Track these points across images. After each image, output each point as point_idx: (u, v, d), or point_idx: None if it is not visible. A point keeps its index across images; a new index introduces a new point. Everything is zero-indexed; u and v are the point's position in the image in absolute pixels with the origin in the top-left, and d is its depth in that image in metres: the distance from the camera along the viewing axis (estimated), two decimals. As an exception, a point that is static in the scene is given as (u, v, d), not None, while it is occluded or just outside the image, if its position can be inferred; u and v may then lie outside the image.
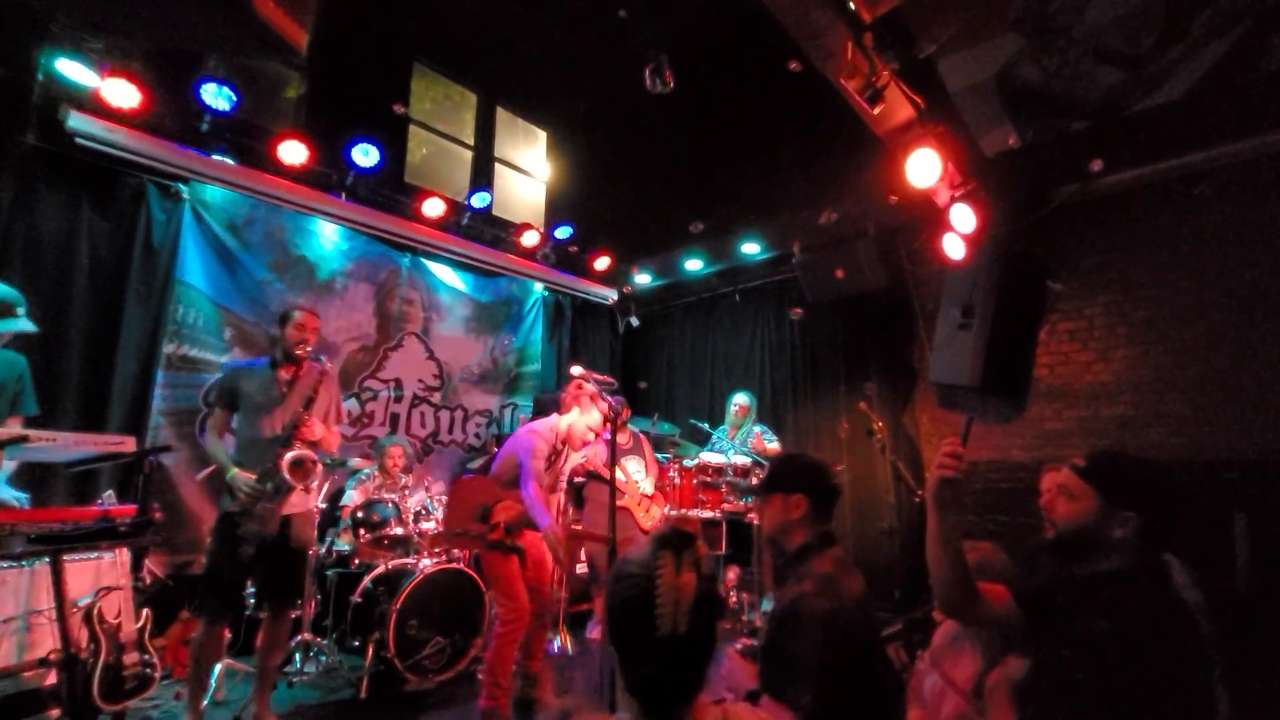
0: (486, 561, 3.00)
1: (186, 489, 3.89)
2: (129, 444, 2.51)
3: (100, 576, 3.09)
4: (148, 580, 3.47)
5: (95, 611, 2.87)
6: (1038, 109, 4.43)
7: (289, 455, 2.72)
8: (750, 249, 5.91)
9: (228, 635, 3.25)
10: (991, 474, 4.62)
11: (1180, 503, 1.40)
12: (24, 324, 2.33)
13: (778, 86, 4.97)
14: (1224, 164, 3.96)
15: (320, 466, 2.98)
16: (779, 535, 1.66)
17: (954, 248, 4.30)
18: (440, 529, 3.83)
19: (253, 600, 3.49)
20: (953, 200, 4.11)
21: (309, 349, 2.95)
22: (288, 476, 2.71)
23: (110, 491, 3.42)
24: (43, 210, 3.63)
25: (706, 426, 5.22)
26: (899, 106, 3.42)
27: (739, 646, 1.71)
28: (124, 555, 3.14)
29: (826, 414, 5.56)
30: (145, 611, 3.10)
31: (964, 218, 4.09)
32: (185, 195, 4.10)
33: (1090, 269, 4.47)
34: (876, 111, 3.20)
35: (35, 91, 3.53)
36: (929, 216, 4.74)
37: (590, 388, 3.15)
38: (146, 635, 3.05)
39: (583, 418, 3.15)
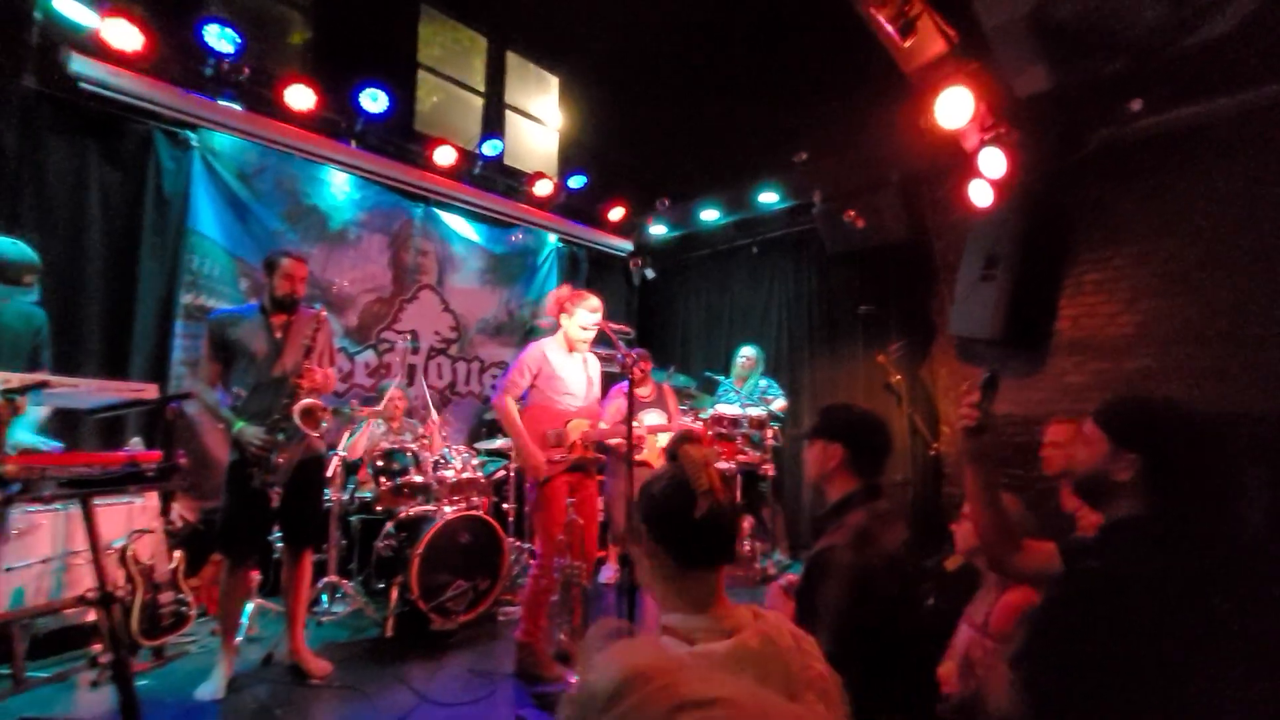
0: (536, 499, 3.09)
1: (210, 437, 3.96)
2: (151, 391, 2.47)
3: (132, 520, 3.24)
4: (179, 524, 3.49)
5: (129, 553, 3.03)
6: (1073, 48, 4.21)
7: (299, 404, 2.75)
8: (768, 198, 5.76)
9: (255, 577, 3.41)
10: (1008, 427, 4.59)
11: (1190, 445, 1.30)
12: (29, 294, 2.33)
13: (799, 22, 4.77)
14: (1266, 106, 3.76)
15: (330, 412, 3.01)
16: (820, 482, 1.68)
17: (981, 195, 4.17)
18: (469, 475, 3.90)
19: (278, 543, 3.54)
20: (982, 143, 3.95)
21: (299, 296, 2.96)
22: (300, 425, 2.74)
23: (137, 438, 3.47)
24: (51, 159, 3.58)
25: (721, 378, 5.21)
26: (930, 40, 3.25)
27: (784, 583, 1.72)
28: (153, 500, 3.30)
29: (844, 368, 5.50)
30: (178, 553, 3.26)
31: (993, 162, 3.94)
32: (194, 143, 4.02)
33: (1121, 217, 4.32)
34: (907, 45, 3.05)
35: (34, 32, 3.43)
36: (955, 163, 4.58)
37: (564, 292, 3.26)
38: (180, 575, 3.21)
39: (572, 321, 3.20)
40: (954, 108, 3.54)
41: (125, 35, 3.57)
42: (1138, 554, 1.24)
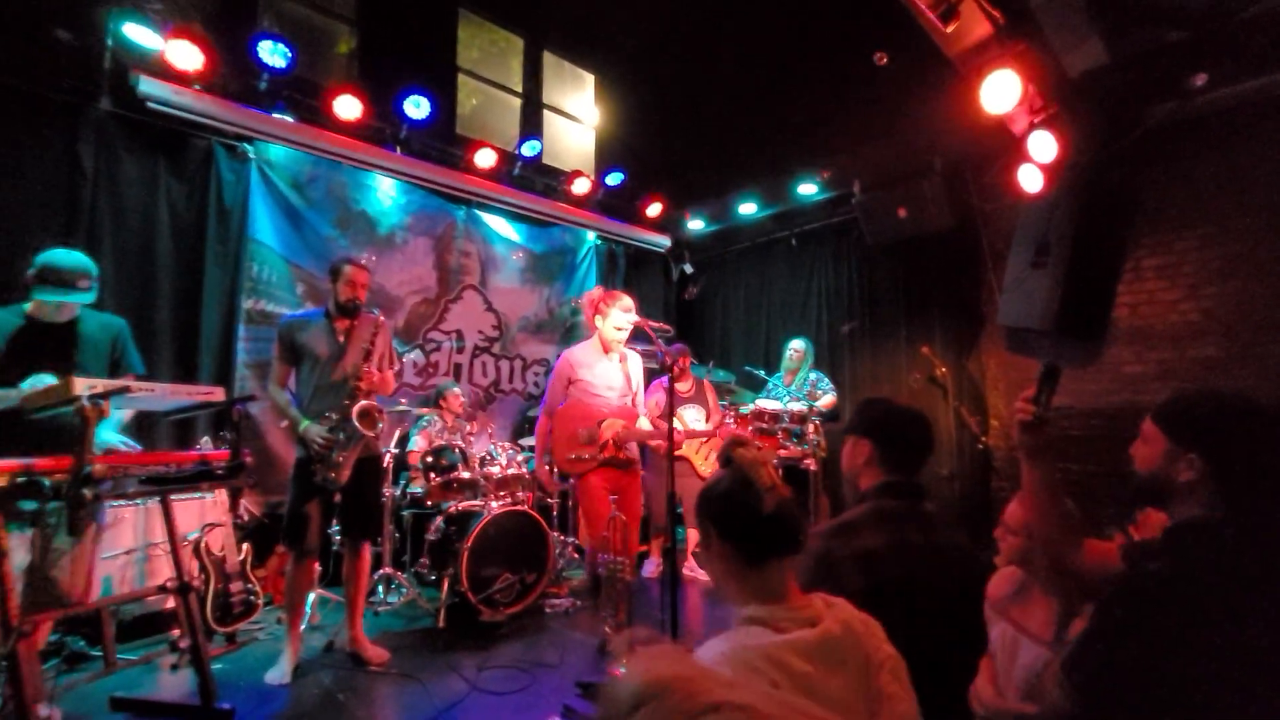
0: (579, 490, 3.20)
1: (272, 435, 4.16)
2: (218, 394, 2.67)
3: (203, 514, 3.43)
4: (246, 518, 3.79)
5: (202, 545, 3.23)
6: (1131, 19, 4.00)
7: (358, 406, 2.85)
8: (806, 190, 5.70)
9: (317, 568, 3.49)
10: (1062, 420, 4.43)
11: (1256, 442, 1.20)
12: (84, 296, 2.47)
13: (835, 9, 4.67)
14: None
15: (385, 414, 3.10)
16: (852, 478, 1.65)
17: (1030, 180, 4.02)
18: (541, 465, 3.93)
19: (337, 536, 3.70)
20: (1031, 127, 3.81)
21: (361, 301, 3.06)
22: (359, 426, 2.84)
23: (206, 438, 3.69)
24: (124, 175, 3.80)
25: (762, 373, 5.17)
26: (974, 23, 3.15)
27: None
28: (222, 495, 3.46)
29: (887, 360, 5.41)
30: (246, 545, 3.48)
31: (1043, 146, 3.80)
32: (251, 155, 4.21)
33: (1183, 198, 4.11)
34: (949, 30, 2.96)
35: (106, 57, 3.65)
36: (1002, 147, 4.42)
37: (597, 293, 3.36)
38: (248, 566, 3.41)
39: (606, 322, 3.27)
40: (1001, 91, 3.42)
41: (187, 55, 3.75)
42: (1203, 558, 1.18)
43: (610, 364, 3.32)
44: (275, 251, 4.26)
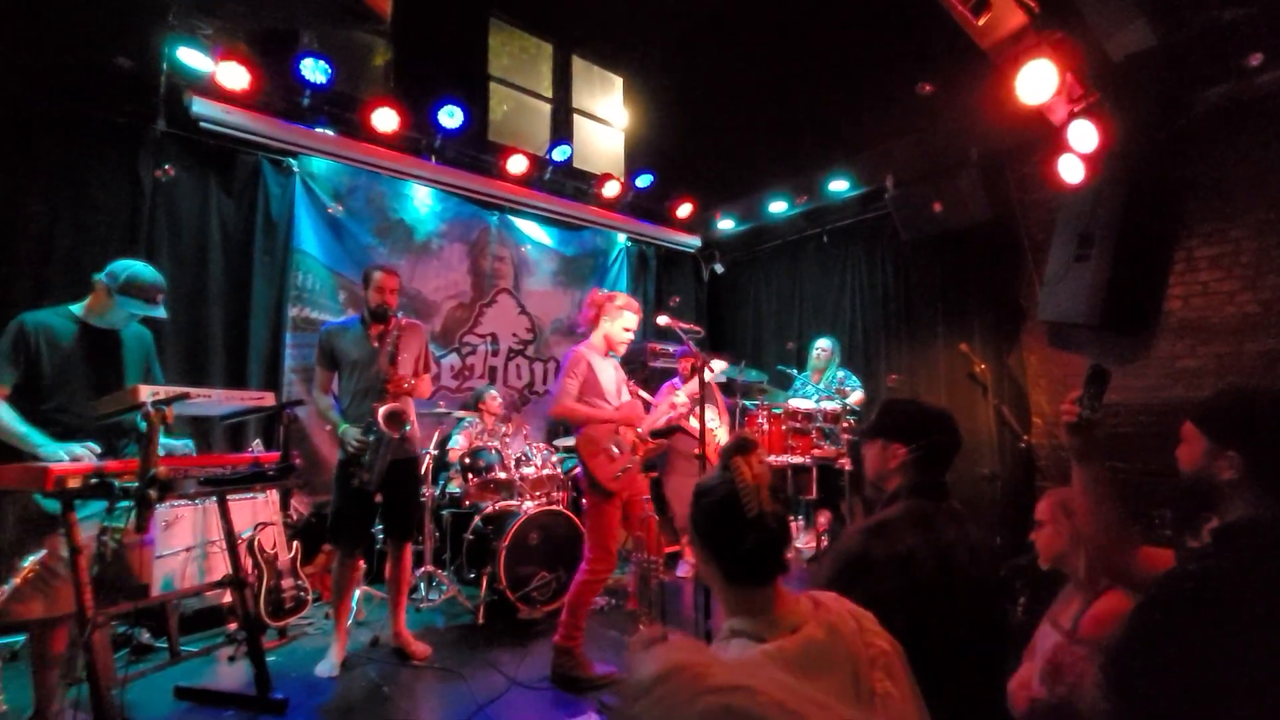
0: (588, 505, 3.01)
1: (319, 438, 4.30)
2: (269, 399, 2.77)
3: (256, 514, 3.55)
4: (295, 517, 3.96)
5: (256, 543, 3.36)
6: (1181, -1, 3.83)
7: (383, 409, 2.88)
8: (838, 186, 5.62)
9: (362, 565, 3.54)
10: (1111, 417, 4.28)
11: None
12: (160, 311, 2.57)
13: (865, 5, 4.59)
14: None
15: (413, 415, 3.12)
16: (879, 481, 1.63)
17: (1071, 170, 3.90)
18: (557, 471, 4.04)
19: (381, 535, 3.79)
20: (1071, 116, 3.69)
21: (391, 306, 3.10)
22: (385, 428, 2.87)
23: (258, 440, 3.83)
24: (179, 192, 4.00)
25: (793, 372, 5.14)
26: (1008, 13, 3.07)
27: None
28: (273, 495, 3.61)
29: (923, 358, 5.29)
30: (295, 544, 3.60)
31: (1084, 135, 3.67)
32: (295, 169, 4.37)
33: (1238, 184, 3.92)
34: (981, 23, 2.89)
35: (162, 81, 3.85)
36: (1041, 137, 4.29)
37: (601, 294, 3.17)
38: (298, 563, 3.52)
39: (615, 324, 3.09)
40: (1037, 82, 3.32)
41: (235, 76, 3.93)
42: (1244, 558, 1.16)
43: (610, 367, 3.18)
44: (319, 261, 4.40)
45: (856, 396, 4.78)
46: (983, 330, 4.88)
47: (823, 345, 5.00)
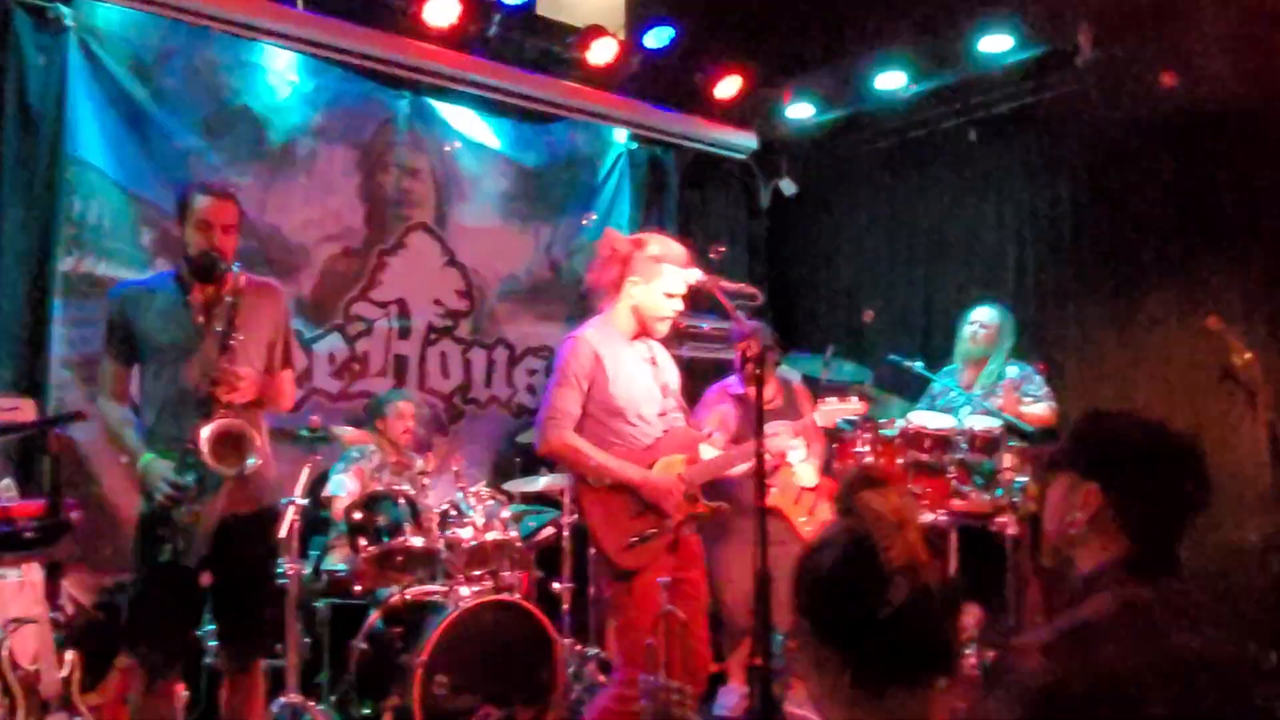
0: (616, 592, 2.52)
1: (111, 477, 3.27)
2: (25, 410, 2.65)
3: (4, 605, 2.81)
4: (71, 610, 3.18)
5: (4, 654, 2.70)
6: None
7: (209, 429, 2.26)
8: (995, 45, 4.20)
9: (183, 693, 2.94)
10: None
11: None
12: None
13: None
14: None
15: (264, 439, 2.47)
16: (1062, 545, 1.21)
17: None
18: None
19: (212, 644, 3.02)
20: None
21: (226, 256, 2.40)
22: (210, 461, 2.25)
23: (8, 480, 2.97)
24: None
25: (919, 367, 3.79)
26: None
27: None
28: (34, 573, 2.89)
29: (1142, 339, 4.06)
30: (71, 655, 2.89)
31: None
32: (69, 22, 3.27)
33: None
34: None
35: None
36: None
37: (622, 237, 2.60)
38: (75, 689, 2.84)
39: (649, 287, 2.47)
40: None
41: None
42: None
43: (641, 361, 2.55)
44: (107, 177, 3.40)
45: (1039, 411, 3.52)
46: (1246, 295, 3.71)
47: (982, 320, 3.71)
